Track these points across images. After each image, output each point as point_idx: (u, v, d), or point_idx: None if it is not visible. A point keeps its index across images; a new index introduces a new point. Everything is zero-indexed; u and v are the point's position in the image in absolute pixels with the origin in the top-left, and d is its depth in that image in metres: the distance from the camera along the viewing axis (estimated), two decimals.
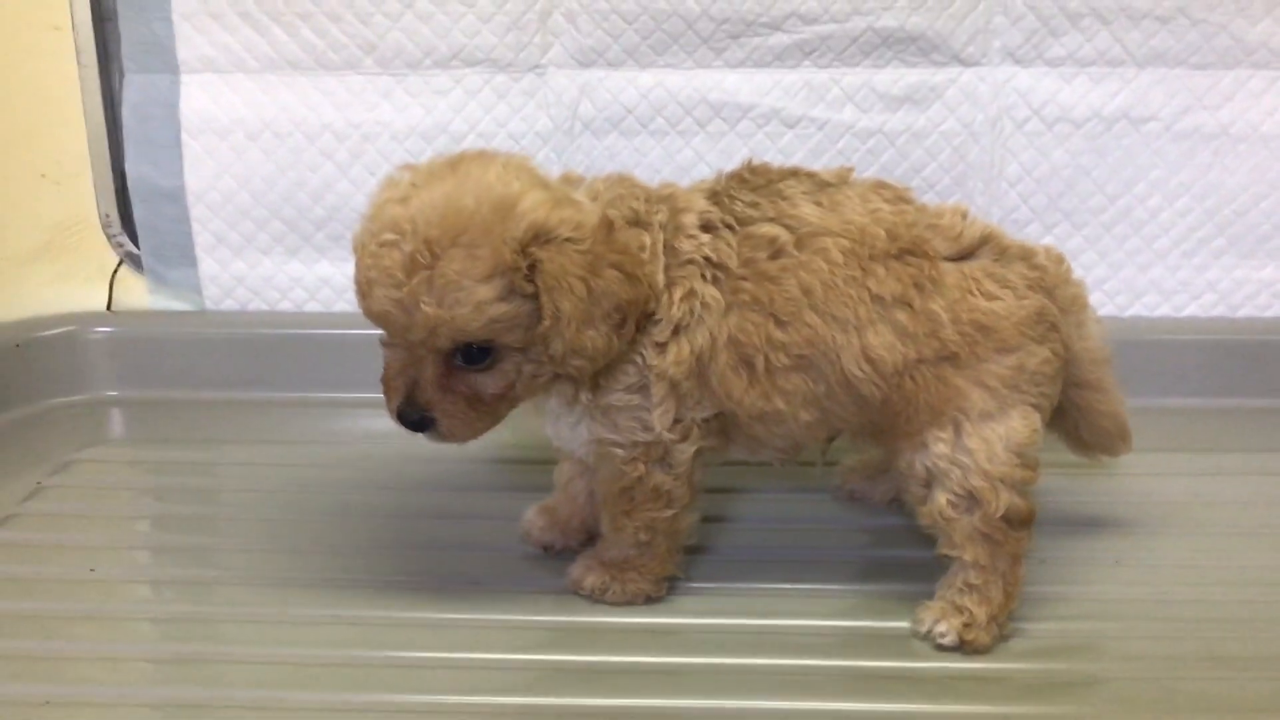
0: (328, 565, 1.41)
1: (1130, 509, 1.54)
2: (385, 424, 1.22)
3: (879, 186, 1.29)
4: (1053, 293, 1.26)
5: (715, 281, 1.21)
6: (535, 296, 1.11)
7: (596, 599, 1.33)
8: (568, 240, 1.12)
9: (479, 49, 1.75)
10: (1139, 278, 1.85)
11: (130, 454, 1.74)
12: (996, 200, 1.80)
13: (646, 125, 1.78)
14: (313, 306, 1.88)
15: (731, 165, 1.71)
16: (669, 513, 1.28)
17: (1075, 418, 1.35)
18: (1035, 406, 1.25)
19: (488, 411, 1.19)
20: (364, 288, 1.14)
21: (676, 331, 1.20)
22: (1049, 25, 1.73)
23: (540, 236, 1.11)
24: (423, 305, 1.09)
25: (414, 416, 1.16)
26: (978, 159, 1.78)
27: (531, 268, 1.11)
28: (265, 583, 1.37)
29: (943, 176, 1.80)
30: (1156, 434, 1.53)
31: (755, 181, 1.28)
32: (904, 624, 1.31)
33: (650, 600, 1.33)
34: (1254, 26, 1.73)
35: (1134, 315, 1.87)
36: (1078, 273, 1.32)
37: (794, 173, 1.29)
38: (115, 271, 1.90)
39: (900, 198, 1.28)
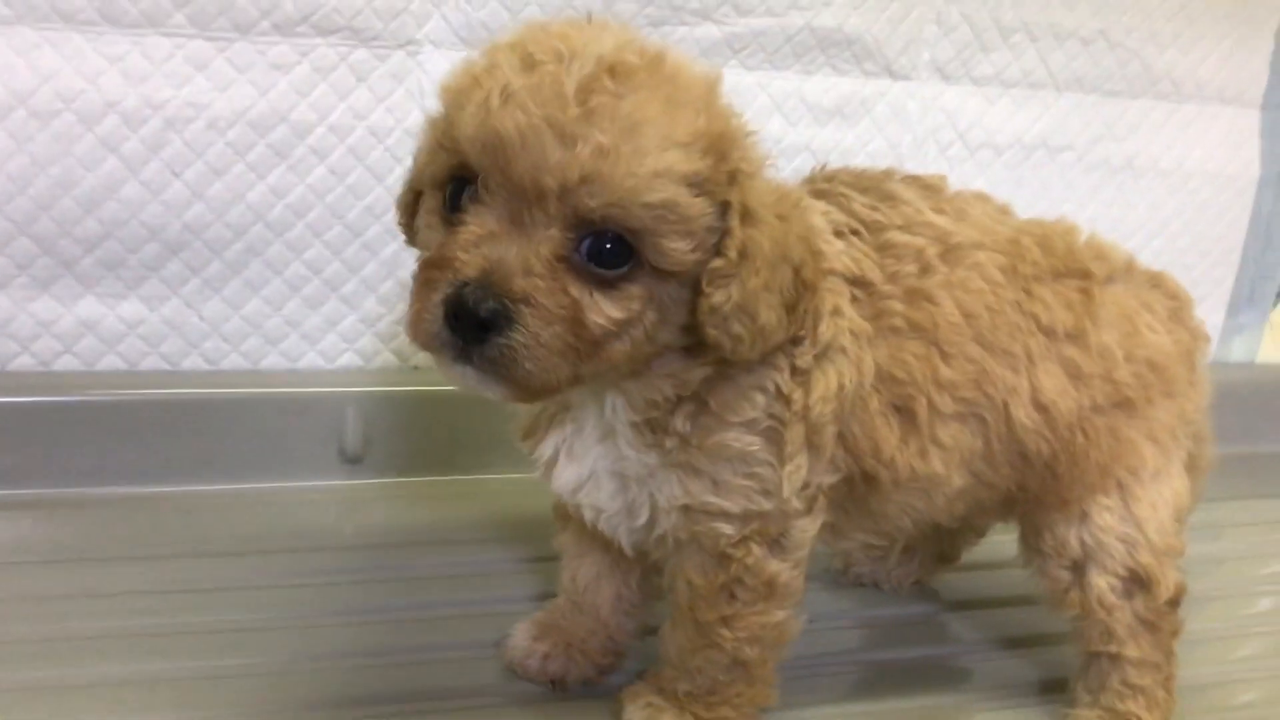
0: None
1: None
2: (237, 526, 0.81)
3: (980, 198, 1.04)
4: (1188, 325, 1.07)
5: (855, 301, 0.92)
6: (721, 213, 0.81)
7: None
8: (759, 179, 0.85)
9: (337, 12, 1.33)
10: None
11: None
12: None
13: None
14: (68, 363, 1.38)
15: None
16: (780, 615, 0.95)
17: None
18: (1181, 461, 1.05)
19: (576, 353, 0.79)
20: (480, 99, 0.77)
21: (821, 358, 0.89)
22: (981, 39, 1.59)
23: (743, 152, 0.83)
24: (596, 136, 0.75)
25: (489, 305, 0.75)
26: None
27: (732, 176, 0.81)
28: None
29: None
30: None
31: (861, 182, 0.98)
32: None
33: None
34: (1162, 54, 1.68)
35: None
36: None
37: (889, 174, 1.01)
38: None
39: (1005, 211, 1.04)
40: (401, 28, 1.36)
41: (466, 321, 0.76)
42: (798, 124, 1.54)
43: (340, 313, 1.43)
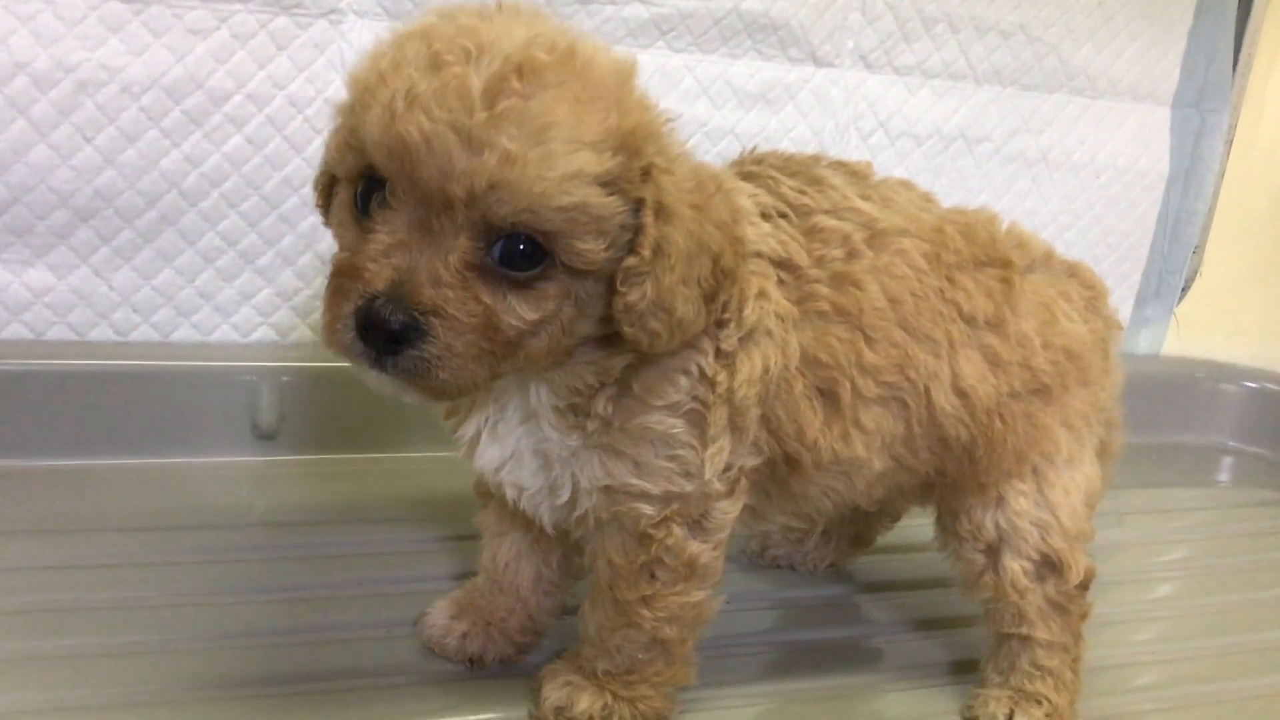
0: None
1: None
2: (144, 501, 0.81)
3: (905, 185, 1.05)
4: (1102, 314, 1.09)
5: (781, 284, 0.92)
6: (635, 210, 0.79)
7: None
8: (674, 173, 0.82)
9: None
10: None
11: None
12: None
13: None
14: None
15: None
16: (699, 595, 0.95)
17: None
18: (1093, 448, 1.07)
19: (491, 355, 0.78)
20: (385, 100, 0.75)
21: (745, 341, 0.89)
22: (904, 29, 1.61)
23: (658, 145, 0.80)
24: (503, 141, 0.73)
25: (400, 318, 0.75)
26: None
27: (646, 172, 0.79)
28: None
29: None
30: None
31: (789, 166, 0.98)
32: None
33: None
34: (1078, 50, 1.71)
35: None
36: None
37: (817, 159, 1.02)
38: None
39: (928, 199, 1.05)
40: None
41: (377, 334, 0.75)
42: (723, 107, 1.54)
43: (255, 285, 1.40)
